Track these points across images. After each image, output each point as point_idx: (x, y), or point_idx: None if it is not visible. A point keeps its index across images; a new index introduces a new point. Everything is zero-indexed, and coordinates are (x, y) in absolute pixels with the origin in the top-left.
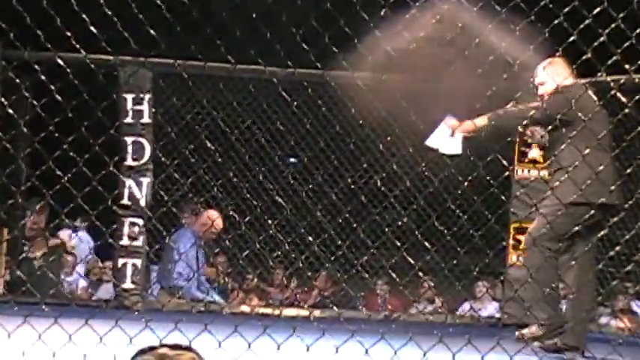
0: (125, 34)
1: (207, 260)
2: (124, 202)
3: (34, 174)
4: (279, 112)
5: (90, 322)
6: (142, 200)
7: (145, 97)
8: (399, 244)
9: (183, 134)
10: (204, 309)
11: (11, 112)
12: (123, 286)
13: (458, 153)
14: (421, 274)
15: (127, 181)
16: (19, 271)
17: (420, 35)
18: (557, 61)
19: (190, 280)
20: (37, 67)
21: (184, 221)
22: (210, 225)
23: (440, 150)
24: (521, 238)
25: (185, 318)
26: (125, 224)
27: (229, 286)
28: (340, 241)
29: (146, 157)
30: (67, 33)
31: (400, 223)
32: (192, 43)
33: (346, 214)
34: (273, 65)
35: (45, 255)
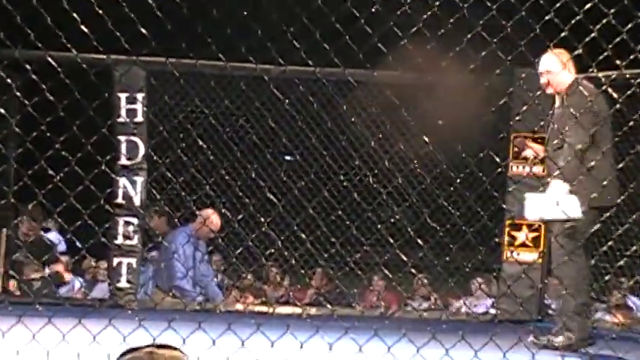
0: (117, 32)
1: (207, 257)
2: (118, 201)
3: (25, 174)
4: (272, 110)
5: (84, 322)
6: (137, 199)
7: (139, 95)
8: (392, 241)
9: (176, 133)
10: (199, 308)
11: (2, 111)
12: (118, 285)
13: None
14: (415, 270)
15: (120, 180)
16: (11, 271)
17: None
18: (564, 53)
19: (185, 279)
20: (28, 66)
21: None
22: (203, 223)
23: (549, 218)
24: (516, 234)
25: (179, 316)
26: (119, 223)
27: (224, 284)
28: (334, 239)
29: (140, 156)
30: (58, 32)
31: (394, 220)
32: (185, 41)
33: (340, 211)
34: (265, 63)
35: (42, 279)
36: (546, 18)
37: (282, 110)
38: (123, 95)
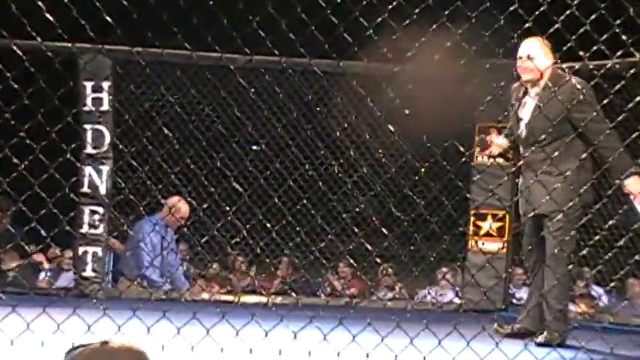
0: (82, 21)
1: (174, 246)
2: (83, 190)
3: None
4: (238, 99)
5: (49, 311)
6: (102, 188)
7: (104, 84)
8: (357, 230)
9: (142, 122)
10: (165, 297)
11: None
12: (83, 274)
13: None
14: (380, 260)
15: (86, 169)
16: None
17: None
18: (545, 40)
19: (151, 267)
20: None
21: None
22: (170, 211)
23: None
24: (481, 224)
25: (144, 306)
26: (85, 212)
27: (190, 274)
28: (300, 228)
29: (106, 145)
30: (23, 20)
31: (359, 209)
32: (150, 29)
33: (305, 200)
34: (231, 52)
35: (19, 267)
36: (511, 9)
37: (248, 100)
38: (88, 84)
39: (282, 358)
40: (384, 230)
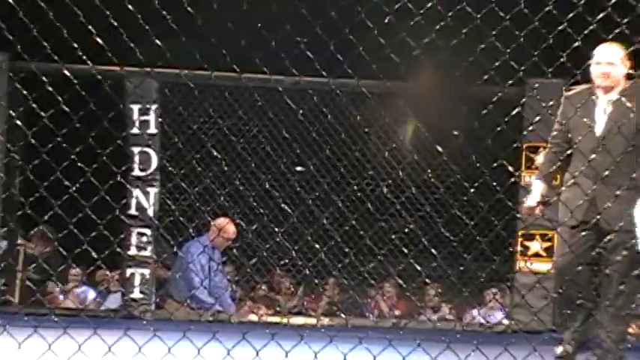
0: (131, 44)
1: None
2: (131, 212)
3: (42, 185)
4: (285, 121)
5: (99, 332)
6: (150, 210)
7: (152, 107)
8: (405, 250)
9: (190, 144)
10: (212, 318)
11: (19, 123)
12: (131, 296)
13: None
14: (428, 280)
15: (134, 192)
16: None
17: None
18: (623, 48)
19: (199, 289)
20: (44, 78)
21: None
22: (218, 232)
23: None
24: (529, 244)
25: (193, 327)
26: (133, 234)
27: (237, 295)
28: (347, 249)
29: (153, 168)
30: (74, 44)
31: (407, 229)
32: (198, 52)
33: (353, 221)
34: (278, 73)
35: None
36: (559, 28)
37: (295, 121)
38: (135, 107)
39: None
40: (433, 251)
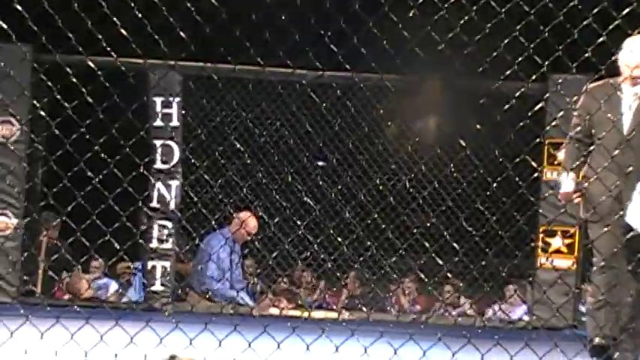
0: (155, 36)
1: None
2: (153, 204)
3: (65, 176)
4: (307, 114)
5: (120, 323)
6: (172, 203)
7: (174, 100)
8: (427, 245)
9: (212, 137)
10: (233, 311)
11: (43, 114)
12: (152, 289)
13: None
14: (448, 276)
15: (156, 184)
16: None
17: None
18: None
19: (221, 281)
20: (68, 70)
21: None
22: (240, 225)
23: None
24: (550, 240)
25: (215, 319)
26: (154, 227)
27: (258, 289)
28: (369, 243)
29: (175, 160)
30: (99, 36)
31: (428, 224)
32: (222, 45)
33: (375, 215)
34: (302, 67)
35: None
36: (584, 23)
37: (317, 115)
38: (158, 99)
39: None
40: (455, 245)
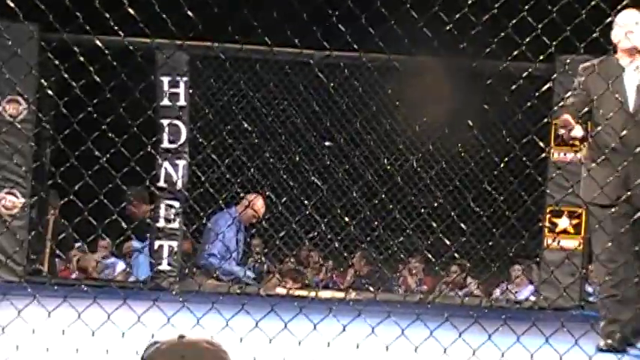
0: (163, 15)
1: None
2: (160, 184)
3: (72, 155)
4: (315, 94)
5: (128, 302)
6: (179, 182)
7: (182, 79)
8: (434, 225)
9: (219, 117)
10: (240, 291)
11: (51, 93)
12: (159, 268)
13: None
14: (457, 255)
15: (163, 164)
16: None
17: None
18: None
19: (228, 259)
20: (75, 49)
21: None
22: (247, 206)
23: None
24: (557, 221)
25: (222, 299)
26: (161, 206)
27: (265, 268)
28: (376, 223)
29: (182, 140)
30: (106, 15)
31: (436, 204)
32: (229, 25)
33: (382, 195)
34: (309, 47)
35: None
36: (592, 4)
37: (324, 95)
38: (166, 79)
39: (359, 351)
40: (462, 226)
